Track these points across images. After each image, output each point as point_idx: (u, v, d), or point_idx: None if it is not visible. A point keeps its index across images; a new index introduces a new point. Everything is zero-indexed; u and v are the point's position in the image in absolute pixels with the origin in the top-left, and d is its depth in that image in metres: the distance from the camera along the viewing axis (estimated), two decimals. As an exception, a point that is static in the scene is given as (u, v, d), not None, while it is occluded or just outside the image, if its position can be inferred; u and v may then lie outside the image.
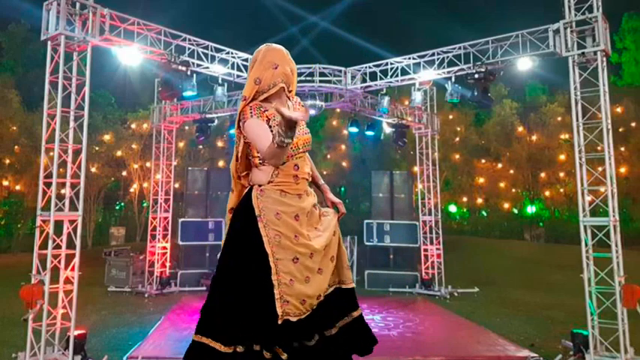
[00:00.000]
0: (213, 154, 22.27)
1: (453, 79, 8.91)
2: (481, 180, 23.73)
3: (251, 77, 2.67)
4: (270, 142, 2.30)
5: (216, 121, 11.91)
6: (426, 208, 11.99)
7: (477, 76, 8.34)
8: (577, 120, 6.74)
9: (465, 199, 24.82)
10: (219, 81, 9.38)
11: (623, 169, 19.69)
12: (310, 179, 2.81)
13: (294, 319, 2.47)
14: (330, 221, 2.78)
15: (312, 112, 10.16)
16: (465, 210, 26.08)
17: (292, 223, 2.58)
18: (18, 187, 19.68)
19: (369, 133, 12.20)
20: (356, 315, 2.77)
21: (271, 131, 2.52)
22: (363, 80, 10.27)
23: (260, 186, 2.64)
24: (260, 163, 2.66)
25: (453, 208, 25.28)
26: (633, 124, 21.29)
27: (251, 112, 2.59)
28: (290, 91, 2.77)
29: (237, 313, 2.53)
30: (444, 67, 8.93)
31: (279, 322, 2.45)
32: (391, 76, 9.77)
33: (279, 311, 2.46)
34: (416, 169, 12.69)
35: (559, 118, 22.17)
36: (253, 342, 2.48)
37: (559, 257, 15.19)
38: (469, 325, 8.28)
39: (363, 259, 12.23)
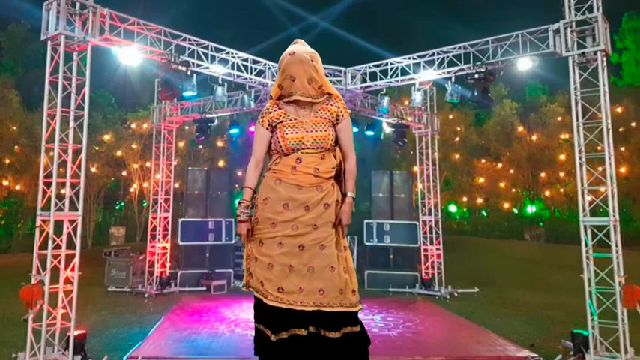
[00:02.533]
0: (213, 154, 22.27)
1: (453, 79, 8.90)
2: (481, 180, 23.73)
3: (277, 81, 2.99)
4: (255, 154, 2.92)
5: (216, 121, 11.91)
6: (426, 208, 11.99)
7: (477, 76, 8.34)
8: (577, 120, 6.74)
9: (465, 199, 24.82)
10: (219, 81, 9.37)
11: (623, 169, 19.70)
12: (324, 177, 2.87)
13: (257, 295, 2.78)
14: (317, 234, 2.81)
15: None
16: (465, 210, 26.08)
17: (277, 210, 2.80)
18: (18, 187, 19.68)
19: (369, 133, 12.20)
20: (331, 335, 2.76)
21: (272, 131, 2.91)
22: (363, 80, 10.28)
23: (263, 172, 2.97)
24: (270, 153, 2.98)
25: (453, 208, 25.27)
26: (633, 124, 21.30)
27: (261, 114, 3.00)
28: (328, 94, 2.98)
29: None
30: (444, 67, 8.93)
31: (244, 288, 2.87)
32: (391, 76, 9.77)
33: (244, 280, 2.85)
34: (416, 169, 12.69)
35: (559, 118, 22.18)
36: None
37: (559, 257, 15.19)
38: (469, 325, 8.27)
39: (363, 259, 12.23)
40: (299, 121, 2.87)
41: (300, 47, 2.93)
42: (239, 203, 2.88)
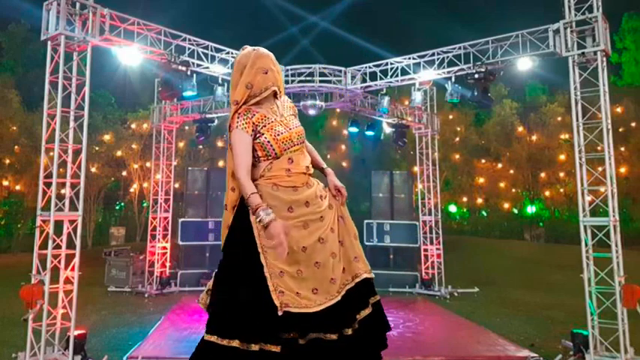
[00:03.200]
0: (213, 154, 22.27)
1: (453, 79, 8.91)
2: (481, 180, 23.74)
3: (242, 82, 2.76)
4: (243, 163, 2.64)
5: (216, 121, 11.90)
6: (426, 208, 11.99)
7: (477, 76, 8.34)
8: (577, 120, 6.74)
9: (465, 199, 24.83)
10: (219, 81, 9.38)
11: (623, 169, 19.70)
12: (311, 172, 2.86)
13: (294, 311, 2.52)
14: (325, 222, 2.77)
15: (312, 112, 10.18)
16: (465, 210, 26.09)
17: (284, 215, 2.65)
18: (18, 187, 19.69)
19: (369, 133, 12.20)
20: (365, 313, 2.77)
21: (257, 136, 2.72)
22: (363, 80, 10.27)
23: (254, 181, 2.74)
24: (256, 161, 2.77)
25: (453, 208, 25.28)
26: (633, 124, 21.30)
27: (238, 121, 2.73)
28: (280, 92, 2.90)
29: (240, 308, 2.55)
30: (444, 67, 8.93)
31: (280, 313, 2.51)
32: (391, 76, 9.77)
33: (276, 302, 2.52)
34: (416, 169, 12.69)
35: (559, 118, 22.18)
36: (254, 337, 2.49)
37: (559, 257, 15.19)
38: (469, 325, 8.28)
39: (363, 259, 12.20)
40: (279, 121, 2.79)
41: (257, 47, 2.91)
42: (257, 208, 2.57)
